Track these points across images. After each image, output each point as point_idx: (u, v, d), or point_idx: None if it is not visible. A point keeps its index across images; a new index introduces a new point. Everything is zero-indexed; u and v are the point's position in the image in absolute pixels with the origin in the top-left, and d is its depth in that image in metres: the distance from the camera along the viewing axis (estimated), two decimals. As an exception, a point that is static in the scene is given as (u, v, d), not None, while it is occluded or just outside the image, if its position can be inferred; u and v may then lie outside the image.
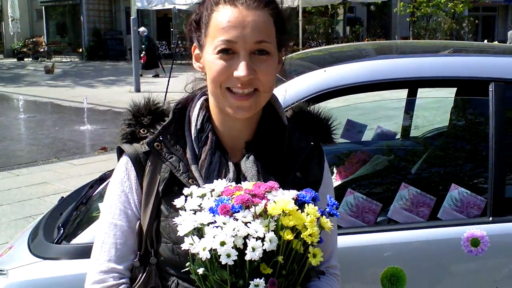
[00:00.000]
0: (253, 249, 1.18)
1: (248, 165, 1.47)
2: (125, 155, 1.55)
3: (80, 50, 34.08)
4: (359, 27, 33.58)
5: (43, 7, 37.34)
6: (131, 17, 17.56)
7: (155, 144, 1.50)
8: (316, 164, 1.58)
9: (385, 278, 2.22)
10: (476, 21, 32.99)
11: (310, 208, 1.25)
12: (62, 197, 3.32)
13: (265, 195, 1.27)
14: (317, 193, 1.32)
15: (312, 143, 1.56)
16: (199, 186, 1.39)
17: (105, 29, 35.01)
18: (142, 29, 23.26)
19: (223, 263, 1.18)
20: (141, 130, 1.55)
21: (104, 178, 3.11)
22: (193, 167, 1.47)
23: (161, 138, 1.51)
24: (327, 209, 1.31)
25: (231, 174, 1.46)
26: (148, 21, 33.93)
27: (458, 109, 3.45)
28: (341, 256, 2.10)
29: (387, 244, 2.28)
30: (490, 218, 2.31)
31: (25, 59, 33.10)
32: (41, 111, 14.64)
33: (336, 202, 1.34)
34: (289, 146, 1.53)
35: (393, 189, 2.61)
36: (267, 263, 1.22)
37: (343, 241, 2.22)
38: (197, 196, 1.31)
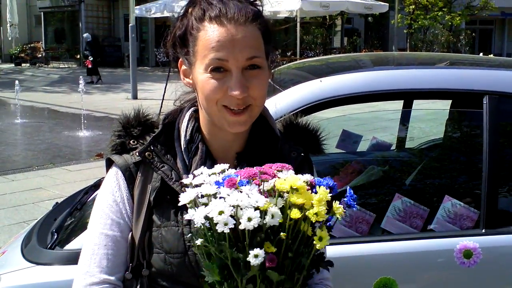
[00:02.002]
0: (249, 220, 1.15)
1: None
2: (115, 166, 1.53)
3: (78, 56, 34.10)
4: (356, 38, 33.72)
5: (42, 13, 37.41)
6: (130, 25, 17.60)
7: (146, 153, 1.49)
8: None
9: (378, 288, 2.22)
10: (473, 34, 33.13)
11: (322, 189, 1.20)
12: (57, 202, 3.32)
13: (276, 174, 1.24)
14: (335, 183, 1.28)
15: (302, 154, 1.56)
16: None
17: (103, 36, 35.07)
18: (85, 35, 23.84)
19: (219, 230, 1.15)
20: (131, 141, 1.54)
21: (99, 184, 3.11)
22: (184, 177, 1.45)
23: (152, 148, 1.50)
24: (345, 199, 1.28)
25: None
26: (146, 29, 34.00)
27: (452, 121, 3.47)
28: (334, 266, 2.11)
29: (380, 255, 2.28)
30: (483, 230, 2.32)
31: (23, 65, 33.10)
32: (37, 117, 14.63)
33: (355, 195, 1.31)
34: (280, 157, 1.52)
35: (387, 200, 2.62)
36: (272, 243, 1.19)
37: (337, 251, 2.23)
38: (208, 175, 1.28)
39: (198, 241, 1.20)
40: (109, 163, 1.56)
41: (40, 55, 34.48)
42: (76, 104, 15.25)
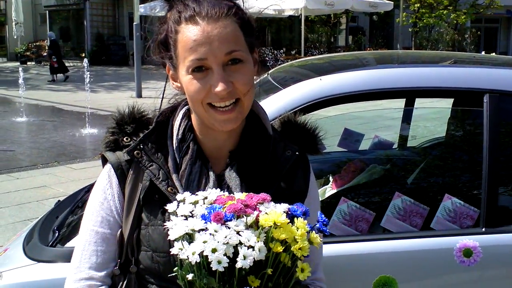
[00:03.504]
0: (244, 257, 1.19)
1: (231, 175, 1.47)
2: (108, 163, 1.55)
3: (83, 54, 34.17)
4: (361, 37, 33.67)
5: (47, 11, 37.48)
6: (134, 23, 17.63)
7: (135, 152, 1.50)
8: (301, 174, 1.57)
9: (377, 287, 2.22)
10: (478, 32, 33.03)
11: (300, 222, 1.25)
12: (59, 200, 3.33)
13: (257, 207, 1.27)
14: (307, 208, 1.32)
15: (297, 153, 1.55)
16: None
17: (108, 34, 35.13)
18: (49, 33, 24.19)
19: (213, 269, 1.18)
20: (124, 138, 1.55)
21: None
22: (173, 176, 1.48)
23: (141, 146, 1.51)
24: (317, 225, 1.31)
25: (211, 184, 1.46)
26: (150, 27, 33.98)
27: (454, 120, 3.47)
28: (334, 265, 2.12)
29: (380, 253, 2.28)
30: (483, 229, 2.32)
31: (28, 63, 33.18)
32: (42, 115, 14.66)
33: (326, 219, 1.33)
34: (274, 156, 1.52)
35: (388, 198, 2.62)
36: (255, 275, 1.23)
37: (336, 249, 2.23)
38: (190, 203, 1.31)
39: (189, 276, 1.22)
40: (104, 160, 1.58)
41: (45, 54, 34.50)
42: (81, 102, 15.28)
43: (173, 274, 1.30)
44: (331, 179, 3.21)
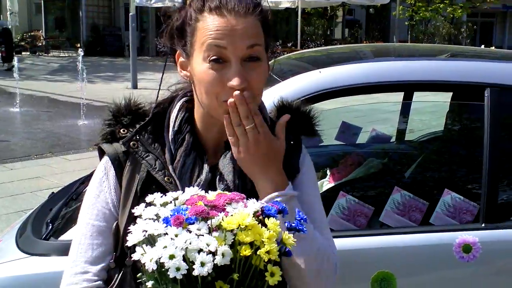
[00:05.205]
0: (202, 264, 1.11)
1: (225, 162, 1.46)
2: (105, 155, 1.53)
3: (78, 45, 34.04)
4: (357, 30, 33.66)
5: (42, 1, 37.33)
6: (130, 14, 17.54)
7: (131, 143, 1.49)
8: (295, 160, 1.54)
9: (376, 282, 2.20)
10: (475, 26, 33.05)
11: (271, 222, 1.17)
12: (53, 192, 3.29)
13: (225, 207, 1.19)
14: (284, 206, 1.25)
15: (292, 142, 1.53)
16: (175, 185, 1.40)
17: (103, 25, 35.01)
18: (1, 21, 24.10)
19: (171, 276, 1.11)
20: (121, 130, 1.53)
21: (95, 174, 3.08)
22: (170, 167, 1.46)
23: (137, 137, 1.49)
24: (294, 224, 1.23)
25: (203, 176, 1.45)
26: (147, 18, 33.91)
27: (453, 113, 3.44)
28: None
29: (378, 248, 2.26)
30: (483, 225, 2.30)
31: (23, 53, 33.00)
32: (37, 105, 14.58)
33: (304, 216, 1.25)
34: None
35: (386, 193, 2.60)
36: (224, 280, 1.15)
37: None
38: (159, 204, 1.25)
39: (149, 284, 1.16)
40: (101, 152, 1.56)
41: (40, 44, 34.37)
42: (75, 93, 15.19)
43: (139, 280, 1.23)
44: (328, 172, 3.18)
